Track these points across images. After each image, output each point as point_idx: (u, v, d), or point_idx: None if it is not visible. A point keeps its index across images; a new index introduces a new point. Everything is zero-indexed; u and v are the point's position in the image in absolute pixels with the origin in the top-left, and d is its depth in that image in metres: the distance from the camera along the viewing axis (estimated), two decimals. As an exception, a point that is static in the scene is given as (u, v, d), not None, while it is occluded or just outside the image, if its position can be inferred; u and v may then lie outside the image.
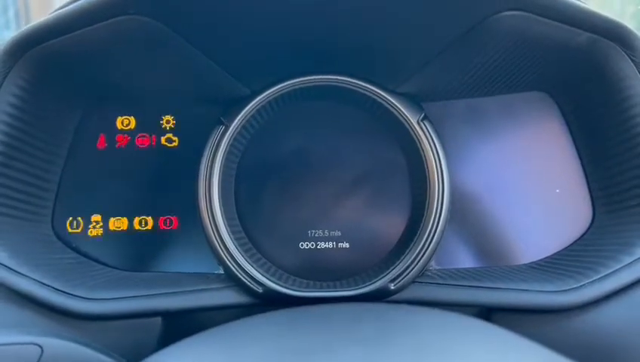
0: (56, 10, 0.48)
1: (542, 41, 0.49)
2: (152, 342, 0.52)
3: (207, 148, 0.55)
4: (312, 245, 0.58)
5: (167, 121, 0.59)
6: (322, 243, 0.58)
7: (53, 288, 0.50)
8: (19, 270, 0.50)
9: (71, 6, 0.46)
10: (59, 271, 0.53)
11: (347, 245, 0.58)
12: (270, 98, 0.56)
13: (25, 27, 0.49)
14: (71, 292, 0.50)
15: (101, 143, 0.59)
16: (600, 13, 0.48)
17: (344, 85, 0.56)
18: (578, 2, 0.47)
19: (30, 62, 0.50)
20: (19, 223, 0.54)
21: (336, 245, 0.58)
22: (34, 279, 0.50)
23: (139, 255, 0.59)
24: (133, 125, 0.59)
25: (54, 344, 0.41)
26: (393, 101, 0.55)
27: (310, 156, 0.58)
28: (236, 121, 0.55)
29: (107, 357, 0.44)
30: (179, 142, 0.59)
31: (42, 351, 0.41)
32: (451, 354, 0.30)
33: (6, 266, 0.49)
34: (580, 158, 0.59)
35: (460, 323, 0.36)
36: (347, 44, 0.50)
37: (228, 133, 0.55)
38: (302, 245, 0.58)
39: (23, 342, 0.41)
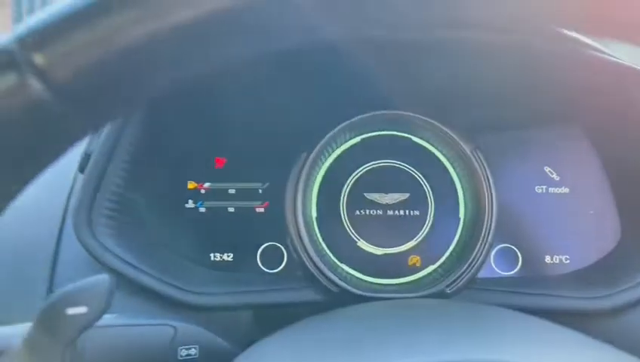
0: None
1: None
2: (247, 331, 0.62)
3: (292, 173, 0.65)
4: (380, 253, 0.67)
5: (258, 154, 0.68)
6: (388, 252, 0.67)
7: (169, 283, 0.60)
8: (142, 268, 0.59)
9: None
10: (169, 269, 0.64)
11: (409, 255, 0.67)
12: (344, 130, 0.66)
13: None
14: (183, 287, 0.60)
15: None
16: (629, 65, 0.57)
17: (407, 119, 0.65)
18: (610, 57, 0.56)
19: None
20: (135, 229, 0.65)
21: (400, 254, 0.67)
22: (153, 276, 0.59)
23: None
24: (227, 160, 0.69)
25: (185, 327, 0.51)
26: (450, 133, 0.64)
27: (379, 177, 0.67)
28: (316, 149, 0.65)
29: (223, 340, 0.54)
30: (269, 171, 0.68)
31: (175, 331, 0.51)
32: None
33: (133, 265, 0.59)
34: (611, 183, 0.67)
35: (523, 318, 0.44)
36: (419, 90, 0.61)
37: (309, 160, 0.65)
38: (371, 254, 0.67)
39: (161, 323, 0.51)
